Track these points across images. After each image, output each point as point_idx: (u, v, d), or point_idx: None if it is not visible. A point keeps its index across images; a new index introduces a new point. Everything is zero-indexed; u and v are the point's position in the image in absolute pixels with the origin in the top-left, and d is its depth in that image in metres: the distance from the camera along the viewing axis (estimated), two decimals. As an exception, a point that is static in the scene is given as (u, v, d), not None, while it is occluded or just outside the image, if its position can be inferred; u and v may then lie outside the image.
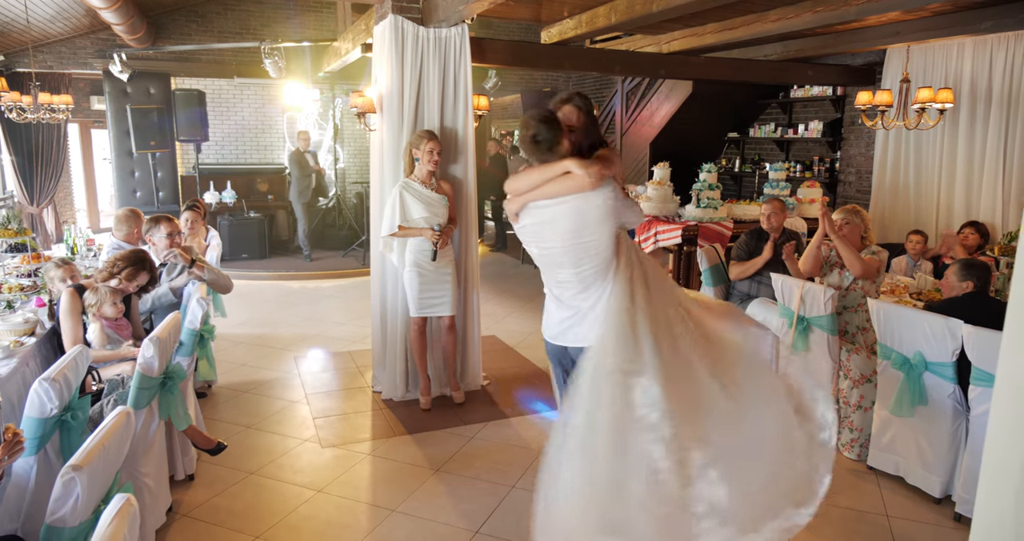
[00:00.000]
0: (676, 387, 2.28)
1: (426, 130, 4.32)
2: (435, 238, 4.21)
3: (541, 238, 2.65)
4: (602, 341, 2.40)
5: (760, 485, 2.33)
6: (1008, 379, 1.20)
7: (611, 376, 2.29)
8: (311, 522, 3.20)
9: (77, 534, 1.75)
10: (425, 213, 4.23)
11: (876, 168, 7.15)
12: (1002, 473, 1.19)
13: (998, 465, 1.19)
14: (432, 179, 4.29)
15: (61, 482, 1.70)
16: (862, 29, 6.12)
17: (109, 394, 3.02)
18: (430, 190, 4.27)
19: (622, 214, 2.58)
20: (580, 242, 2.54)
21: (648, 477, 2.18)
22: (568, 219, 2.54)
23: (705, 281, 5.14)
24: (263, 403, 4.61)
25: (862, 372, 3.90)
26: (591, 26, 5.45)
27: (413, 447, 3.98)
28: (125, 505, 1.51)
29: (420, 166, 4.23)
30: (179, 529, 3.12)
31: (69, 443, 2.48)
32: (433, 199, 4.27)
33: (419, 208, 4.22)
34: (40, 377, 2.33)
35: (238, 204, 9.43)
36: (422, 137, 4.21)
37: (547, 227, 2.60)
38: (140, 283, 3.64)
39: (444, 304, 4.40)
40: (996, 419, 1.23)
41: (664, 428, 2.20)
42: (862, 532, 3.18)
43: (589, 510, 2.21)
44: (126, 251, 3.76)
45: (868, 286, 4.17)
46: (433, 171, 4.27)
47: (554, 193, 2.54)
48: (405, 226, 4.24)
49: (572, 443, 2.27)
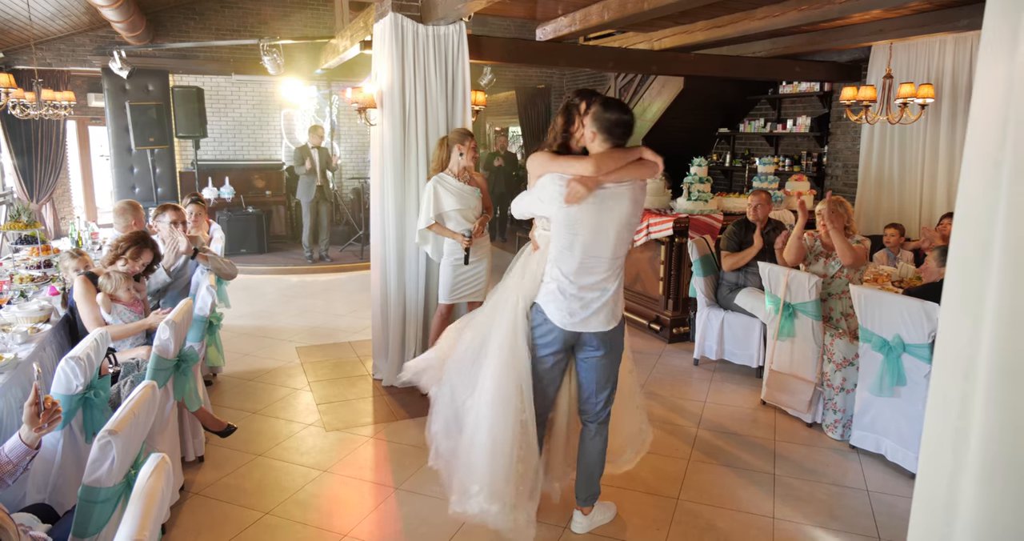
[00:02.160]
0: None
1: (464, 128, 4.54)
2: (467, 244, 4.40)
3: (596, 221, 2.62)
4: None
5: None
6: (941, 354, 1.35)
7: None
8: (318, 499, 3.34)
9: (112, 495, 1.89)
10: (458, 205, 4.39)
11: (862, 162, 7.34)
12: (938, 441, 1.34)
13: (935, 436, 1.35)
14: (465, 173, 4.45)
15: (98, 445, 1.84)
16: (847, 26, 6.29)
17: (125, 376, 3.16)
18: (463, 183, 4.43)
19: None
20: (628, 228, 2.67)
21: None
22: (627, 205, 2.65)
23: (695, 271, 5.31)
24: (267, 390, 4.75)
25: (845, 356, 4.07)
26: (584, 24, 5.60)
27: (414, 430, 4.13)
28: (161, 462, 1.66)
29: (459, 161, 4.39)
30: (192, 506, 3.26)
31: (92, 420, 2.62)
32: (466, 191, 4.43)
33: (452, 200, 4.37)
34: (66, 356, 2.47)
35: (236, 200, 9.55)
36: (464, 135, 4.38)
37: (606, 211, 2.63)
38: (145, 262, 3.75)
39: (478, 291, 4.58)
40: (933, 392, 1.38)
41: None
42: (845, 506, 3.35)
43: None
44: (127, 233, 3.87)
45: (852, 274, 4.34)
46: (468, 166, 4.42)
47: (627, 177, 2.63)
48: (440, 223, 4.42)
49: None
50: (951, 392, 1.30)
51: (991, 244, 1.19)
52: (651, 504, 3.32)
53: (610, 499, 3.28)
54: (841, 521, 3.20)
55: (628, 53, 6.82)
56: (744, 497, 3.41)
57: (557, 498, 3.20)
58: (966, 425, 1.24)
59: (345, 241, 9.89)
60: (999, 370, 1.19)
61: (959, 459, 1.26)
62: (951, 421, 1.29)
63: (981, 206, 1.21)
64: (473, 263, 4.51)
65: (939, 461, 1.32)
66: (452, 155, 4.38)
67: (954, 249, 1.33)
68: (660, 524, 3.15)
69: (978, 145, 1.22)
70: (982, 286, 1.21)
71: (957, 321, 1.29)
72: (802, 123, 8.16)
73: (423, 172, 4.64)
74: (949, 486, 1.26)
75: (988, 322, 1.19)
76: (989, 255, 1.19)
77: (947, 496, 1.28)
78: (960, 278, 1.28)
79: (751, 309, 4.98)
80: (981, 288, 1.21)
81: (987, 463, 1.21)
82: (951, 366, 1.31)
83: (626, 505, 3.31)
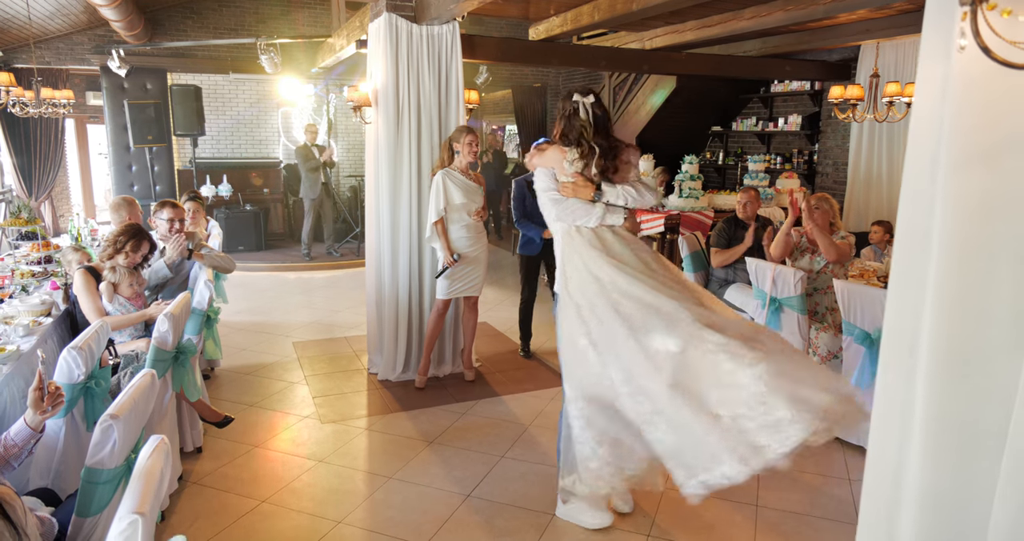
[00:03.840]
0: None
1: (465, 125, 4.62)
2: (450, 264, 4.52)
3: None
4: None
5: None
6: (889, 335, 1.44)
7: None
8: (313, 488, 3.43)
9: (113, 476, 1.98)
10: (464, 199, 4.49)
11: (851, 160, 7.43)
12: (888, 418, 1.44)
13: (884, 409, 1.44)
14: (468, 169, 4.54)
15: (100, 429, 1.93)
16: (834, 26, 6.39)
17: (125, 368, 3.25)
18: (468, 179, 4.53)
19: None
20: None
21: None
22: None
23: (686, 267, 5.40)
24: (264, 384, 4.83)
25: (829, 349, 4.16)
26: (576, 23, 5.69)
27: (408, 422, 4.21)
28: (160, 443, 1.74)
29: (460, 158, 4.48)
30: (190, 494, 3.34)
31: (93, 409, 2.70)
32: (471, 187, 4.53)
33: (459, 194, 4.47)
34: (68, 346, 2.56)
35: (234, 197, 9.63)
36: (463, 131, 4.48)
37: None
38: (144, 253, 3.80)
39: (474, 286, 4.66)
40: (882, 367, 1.47)
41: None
42: (827, 494, 3.44)
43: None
44: (122, 226, 3.91)
45: (837, 270, 4.43)
46: (471, 162, 4.52)
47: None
48: (444, 217, 4.51)
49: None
50: (898, 367, 1.40)
51: (930, 233, 1.28)
52: (637, 494, 3.40)
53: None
54: (823, 508, 3.29)
55: (620, 52, 6.91)
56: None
57: None
58: (911, 398, 1.33)
59: (342, 238, 9.97)
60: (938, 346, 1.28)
61: (906, 429, 1.35)
62: (898, 394, 1.38)
63: (921, 198, 1.31)
64: (471, 258, 4.59)
65: (888, 432, 1.41)
66: (454, 153, 4.49)
67: (899, 237, 1.43)
68: (646, 512, 3.24)
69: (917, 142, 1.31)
70: (923, 270, 1.30)
71: (902, 302, 1.38)
72: (793, 121, 8.26)
73: (416, 169, 4.73)
74: (898, 454, 1.35)
75: (928, 303, 1.28)
76: (929, 243, 1.29)
77: (896, 464, 1.37)
78: (904, 263, 1.38)
79: (740, 304, 5.06)
80: (923, 272, 1.30)
81: (930, 432, 1.30)
82: (897, 343, 1.41)
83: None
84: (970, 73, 1.15)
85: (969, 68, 1.14)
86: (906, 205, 1.38)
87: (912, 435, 1.31)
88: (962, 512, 1.28)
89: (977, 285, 1.23)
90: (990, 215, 1.21)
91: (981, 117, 1.17)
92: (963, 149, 1.20)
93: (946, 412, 1.27)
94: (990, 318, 1.24)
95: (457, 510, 3.22)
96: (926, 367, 1.28)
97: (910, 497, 1.32)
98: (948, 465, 1.27)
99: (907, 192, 1.36)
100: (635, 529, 3.09)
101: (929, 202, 1.27)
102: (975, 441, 1.26)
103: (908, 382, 1.33)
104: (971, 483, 1.26)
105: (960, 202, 1.22)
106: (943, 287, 1.25)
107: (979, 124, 1.18)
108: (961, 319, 1.25)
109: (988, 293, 1.23)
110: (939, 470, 1.28)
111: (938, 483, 1.28)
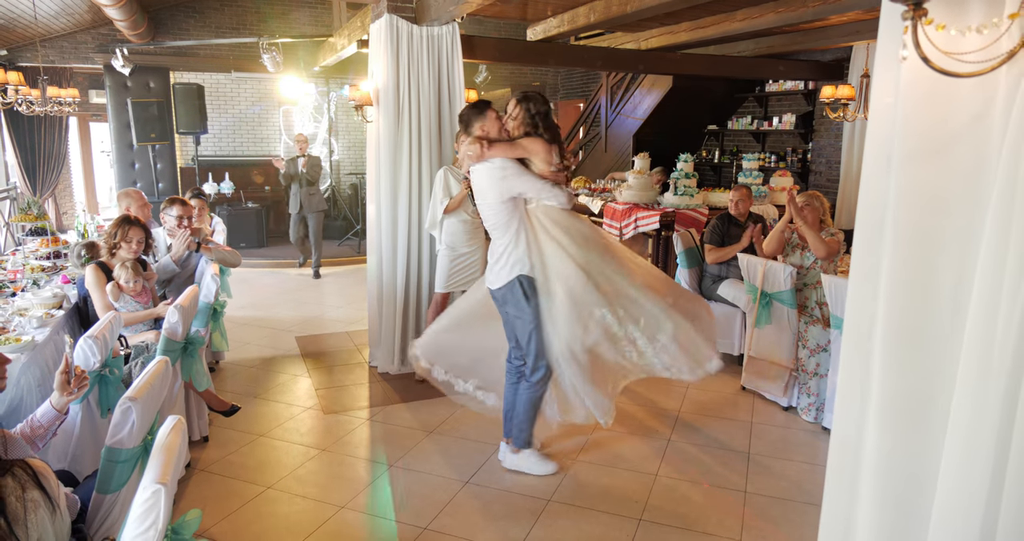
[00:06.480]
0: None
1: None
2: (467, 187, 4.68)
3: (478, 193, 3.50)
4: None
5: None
6: (850, 322, 1.56)
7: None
8: (317, 475, 3.55)
9: (131, 455, 2.09)
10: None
11: (844, 158, 7.55)
12: (850, 397, 1.56)
13: (846, 387, 1.56)
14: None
15: (120, 410, 2.04)
16: (826, 27, 6.50)
17: (136, 358, 3.36)
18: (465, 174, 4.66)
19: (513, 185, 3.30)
20: (482, 202, 3.44)
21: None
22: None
23: (681, 263, 5.52)
24: (268, 377, 4.95)
25: (818, 342, 4.28)
26: (573, 24, 5.80)
27: (408, 413, 4.33)
28: (177, 423, 1.86)
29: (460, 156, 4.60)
30: (198, 481, 3.46)
31: (107, 396, 2.82)
32: None
33: (458, 190, 4.59)
34: (84, 335, 2.68)
35: (236, 195, 9.74)
36: (461, 132, 4.59)
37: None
38: (139, 238, 3.79)
39: (472, 279, 4.77)
40: (844, 349, 1.59)
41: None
42: (815, 481, 3.54)
43: None
44: (112, 222, 3.93)
45: (827, 265, 4.55)
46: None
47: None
48: (449, 209, 4.63)
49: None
50: (858, 349, 1.52)
51: (884, 224, 1.40)
52: (631, 479, 3.53)
53: (591, 473, 3.50)
54: (809, 494, 3.40)
55: (616, 52, 7.02)
56: (720, 473, 3.62)
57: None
58: (868, 377, 1.45)
59: (343, 236, 10.08)
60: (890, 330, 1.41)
61: (864, 405, 1.47)
62: (858, 374, 1.50)
63: (876, 192, 1.43)
64: (467, 253, 4.70)
65: (849, 410, 1.54)
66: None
67: (858, 229, 1.55)
68: (638, 495, 3.36)
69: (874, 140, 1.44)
70: (879, 259, 1.42)
71: (862, 289, 1.50)
72: (787, 120, 8.37)
73: (415, 167, 4.85)
74: (858, 430, 1.48)
75: (883, 289, 1.40)
76: (883, 233, 1.41)
77: (856, 439, 1.49)
78: (862, 252, 1.50)
79: (733, 299, 5.18)
80: (878, 261, 1.42)
81: (884, 407, 1.42)
82: (857, 327, 1.53)
83: (606, 479, 3.52)
84: (917, 78, 1.27)
85: (917, 73, 1.26)
86: (864, 199, 1.50)
87: (869, 411, 1.43)
88: (913, 478, 1.40)
89: (924, 274, 1.36)
90: (937, 209, 1.33)
91: (928, 117, 1.29)
92: (915, 146, 1.32)
93: (898, 390, 1.39)
94: (934, 305, 1.36)
95: (456, 496, 3.34)
96: (881, 350, 1.41)
97: (868, 467, 1.44)
98: (900, 436, 1.40)
99: (865, 187, 1.49)
100: (627, 514, 3.21)
101: (884, 196, 1.40)
102: (924, 415, 1.39)
103: (866, 363, 1.45)
104: (920, 454, 1.38)
105: (911, 196, 1.35)
106: (895, 275, 1.37)
107: (927, 124, 1.30)
108: (910, 305, 1.38)
109: (933, 281, 1.35)
110: (893, 440, 1.40)
111: (892, 452, 1.40)
